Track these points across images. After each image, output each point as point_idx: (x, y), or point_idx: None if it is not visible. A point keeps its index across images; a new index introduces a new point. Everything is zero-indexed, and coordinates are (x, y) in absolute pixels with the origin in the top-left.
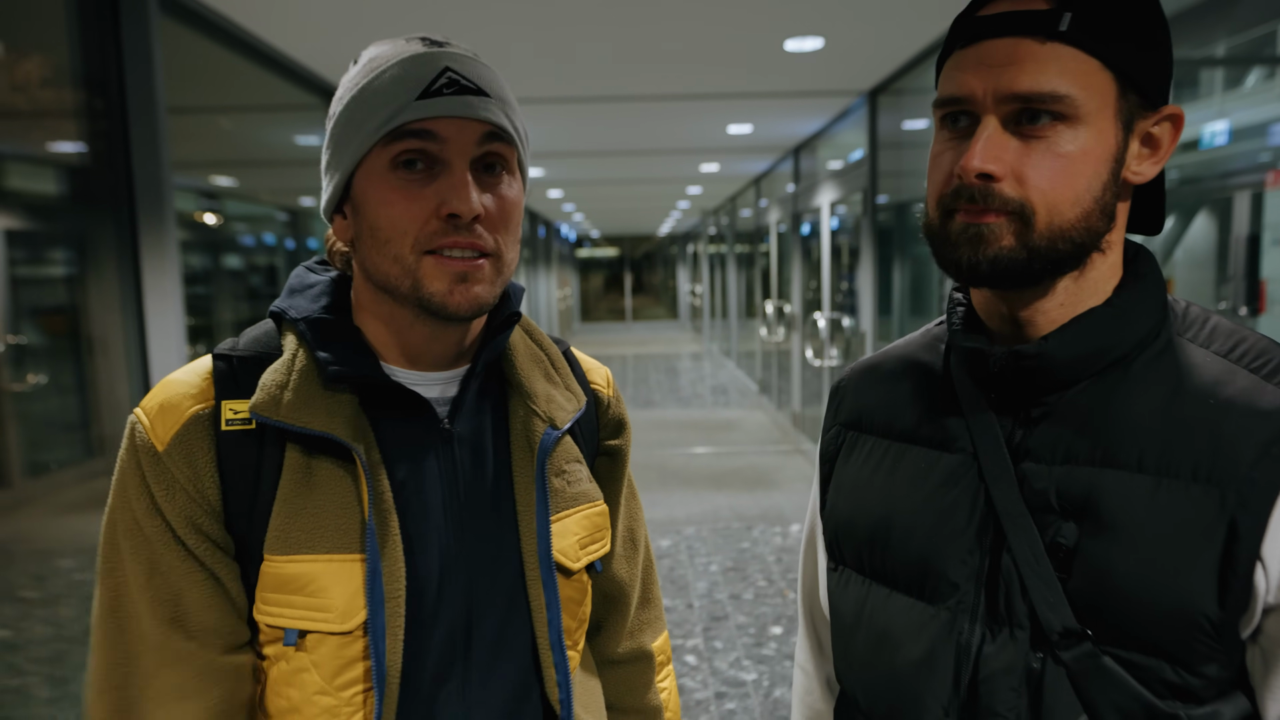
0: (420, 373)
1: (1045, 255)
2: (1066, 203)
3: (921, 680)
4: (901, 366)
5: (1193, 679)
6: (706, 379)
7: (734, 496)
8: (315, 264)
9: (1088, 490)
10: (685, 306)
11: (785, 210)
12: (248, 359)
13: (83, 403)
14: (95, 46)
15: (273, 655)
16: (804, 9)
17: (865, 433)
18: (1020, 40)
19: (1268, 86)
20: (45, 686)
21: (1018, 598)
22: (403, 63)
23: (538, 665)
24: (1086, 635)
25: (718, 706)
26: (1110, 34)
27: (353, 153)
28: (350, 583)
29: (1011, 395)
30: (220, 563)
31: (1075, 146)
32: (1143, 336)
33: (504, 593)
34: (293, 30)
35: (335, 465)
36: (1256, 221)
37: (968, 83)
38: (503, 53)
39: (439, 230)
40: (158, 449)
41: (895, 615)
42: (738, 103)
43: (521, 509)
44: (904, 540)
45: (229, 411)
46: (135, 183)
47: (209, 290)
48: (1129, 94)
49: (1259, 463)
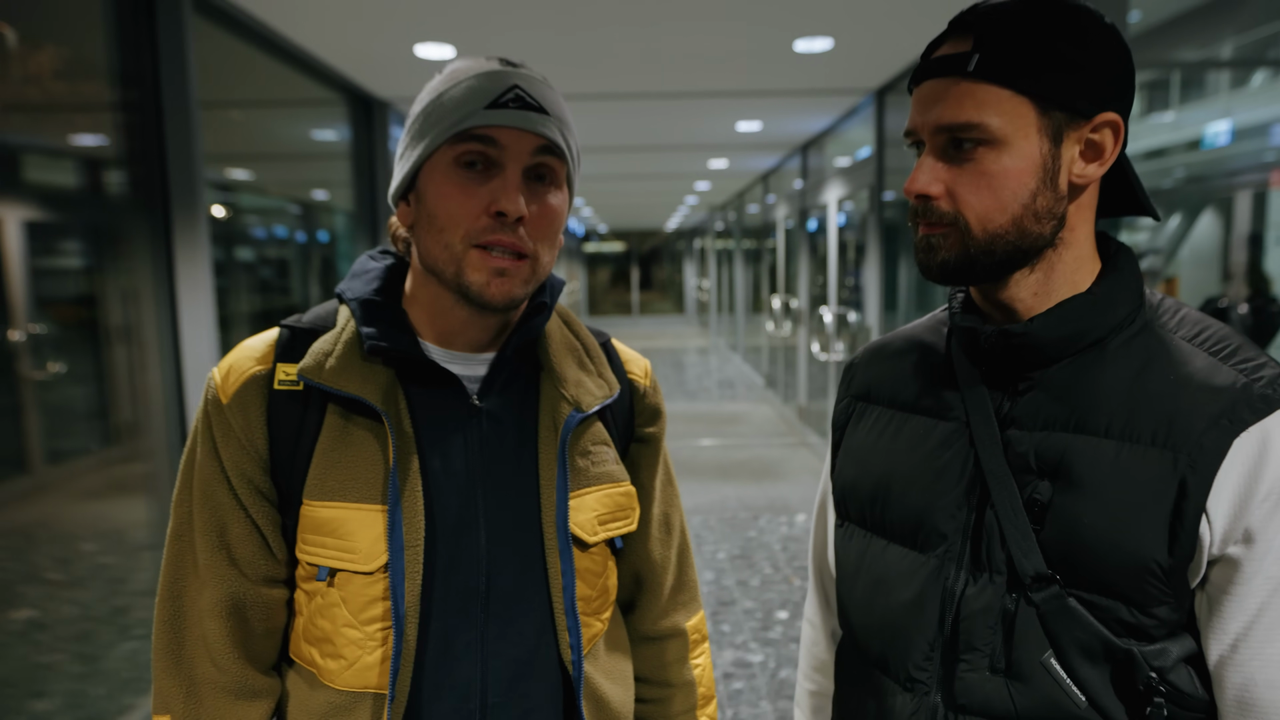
0: (455, 353)
1: (984, 258)
2: (994, 211)
3: (911, 619)
4: (908, 346)
5: (1145, 619)
6: (713, 373)
7: (741, 487)
8: (377, 252)
9: (1061, 453)
10: (692, 301)
11: (793, 206)
12: (306, 330)
13: (120, 389)
14: (131, 44)
15: (310, 590)
16: (813, 11)
17: (873, 403)
18: (943, 80)
19: (1274, 86)
20: (74, 664)
21: (997, 547)
22: (479, 76)
23: (554, 628)
24: (1055, 579)
25: (725, 687)
26: (1018, 67)
27: (424, 148)
28: (373, 529)
29: (1001, 371)
30: (259, 507)
31: (998, 165)
32: (1119, 321)
33: (523, 556)
34: (313, 26)
35: (368, 426)
36: (1260, 220)
37: (914, 118)
38: (519, 52)
39: (488, 227)
40: (222, 401)
41: (891, 563)
42: (747, 101)
43: (544, 483)
44: (901, 497)
45: (281, 374)
46: (169, 176)
47: (224, 283)
48: (1051, 112)
49: (1208, 431)
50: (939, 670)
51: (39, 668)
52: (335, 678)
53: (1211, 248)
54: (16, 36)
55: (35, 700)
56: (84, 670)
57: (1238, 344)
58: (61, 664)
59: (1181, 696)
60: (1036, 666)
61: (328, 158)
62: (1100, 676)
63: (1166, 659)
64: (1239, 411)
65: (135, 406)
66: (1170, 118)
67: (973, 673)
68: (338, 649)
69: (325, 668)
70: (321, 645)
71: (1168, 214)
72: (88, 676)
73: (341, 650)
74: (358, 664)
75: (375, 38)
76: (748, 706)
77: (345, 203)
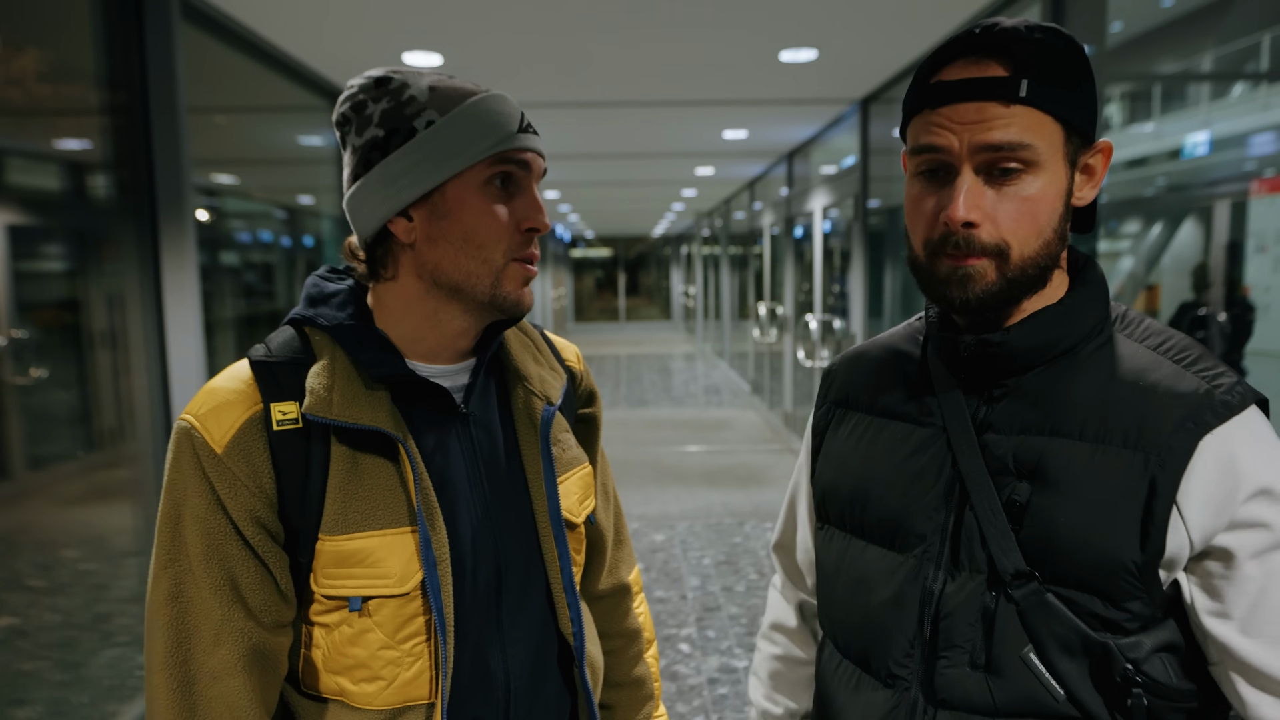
0: (438, 366)
1: (1019, 282)
2: (1032, 237)
3: (890, 618)
4: (885, 354)
5: (1119, 613)
6: (699, 379)
7: (726, 493)
8: (327, 273)
9: (1038, 455)
10: (679, 307)
11: (778, 213)
12: (284, 364)
13: (107, 393)
14: (120, 49)
15: (334, 622)
16: (798, 23)
17: (852, 409)
18: (987, 104)
19: (1252, 97)
20: (55, 671)
21: (977, 547)
22: (492, 100)
23: (552, 607)
24: (1034, 576)
25: (710, 692)
26: (1057, 93)
27: (455, 164)
28: (404, 551)
29: (977, 378)
30: (270, 551)
31: (1037, 189)
32: (1088, 331)
33: (522, 547)
34: (301, 33)
35: (378, 454)
36: (1240, 229)
37: (945, 138)
38: (506, 59)
39: (522, 242)
40: (216, 451)
41: (870, 564)
42: (733, 109)
43: (531, 477)
44: (880, 499)
45: (278, 413)
46: (156, 181)
47: (209, 287)
48: (1073, 138)
49: (1175, 433)
50: (919, 667)
51: (20, 675)
52: (373, 699)
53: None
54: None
55: (16, 708)
56: (66, 678)
57: (1198, 353)
58: (43, 671)
59: (1158, 686)
60: (1016, 661)
61: (314, 163)
62: (1078, 670)
63: (1140, 650)
64: (1203, 415)
65: (120, 411)
66: (1150, 128)
67: (953, 669)
68: (375, 672)
69: (360, 692)
70: (353, 672)
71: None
72: (70, 684)
73: (379, 672)
74: (397, 681)
75: (363, 45)
76: (733, 712)
77: (331, 208)
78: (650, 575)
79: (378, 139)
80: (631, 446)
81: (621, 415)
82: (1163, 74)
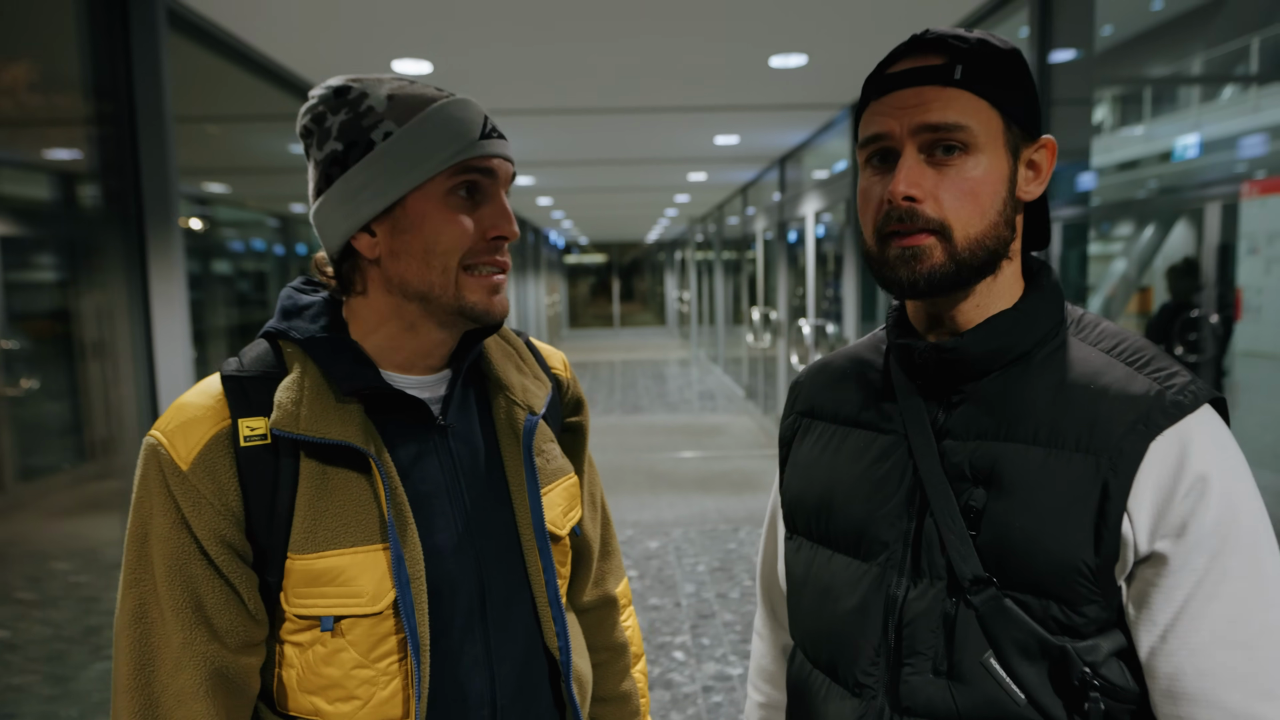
0: (414, 377)
1: (968, 264)
2: (975, 217)
3: (856, 626)
4: (849, 364)
5: (1076, 617)
6: (694, 385)
7: (721, 499)
8: (302, 285)
9: (993, 461)
10: (673, 313)
11: (771, 218)
12: (256, 378)
13: (94, 405)
14: (105, 59)
15: (307, 641)
16: (787, 28)
17: (817, 419)
18: (925, 87)
19: (1242, 99)
20: (45, 685)
21: (937, 553)
22: (453, 106)
23: (538, 621)
24: (992, 582)
25: (705, 700)
26: (991, 81)
27: (415, 177)
28: (376, 569)
29: (936, 385)
30: (238, 572)
31: (979, 171)
32: (1042, 335)
33: (506, 561)
34: (290, 42)
35: (349, 469)
36: (1231, 231)
37: (887, 123)
38: (496, 67)
39: (482, 249)
40: (182, 468)
41: (836, 572)
42: (725, 115)
43: (514, 489)
44: (844, 508)
45: (245, 429)
46: (143, 190)
47: (201, 296)
48: (1012, 127)
49: (1127, 436)
50: (885, 675)
51: (9, 689)
52: (349, 718)
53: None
54: None
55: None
56: (55, 691)
57: (1152, 354)
58: (33, 685)
59: (1114, 689)
60: (977, 667)
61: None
62: (1038, 674)
63: (1098, 654)
64: (1154, 417)
65: (110, 422)
66: (1141, 131)
67: (916, 676)
68: (349, 691)
69: (335, 711)
70: (328, 692)
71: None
72: (59, 698)
73: (354, 692)
74: (372, 700)
75: (353, 53)
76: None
77: None
78: (644, 582)
79: (337, 153)
80: (626, 453)
81: (616, 421)
82: (1153, 77)
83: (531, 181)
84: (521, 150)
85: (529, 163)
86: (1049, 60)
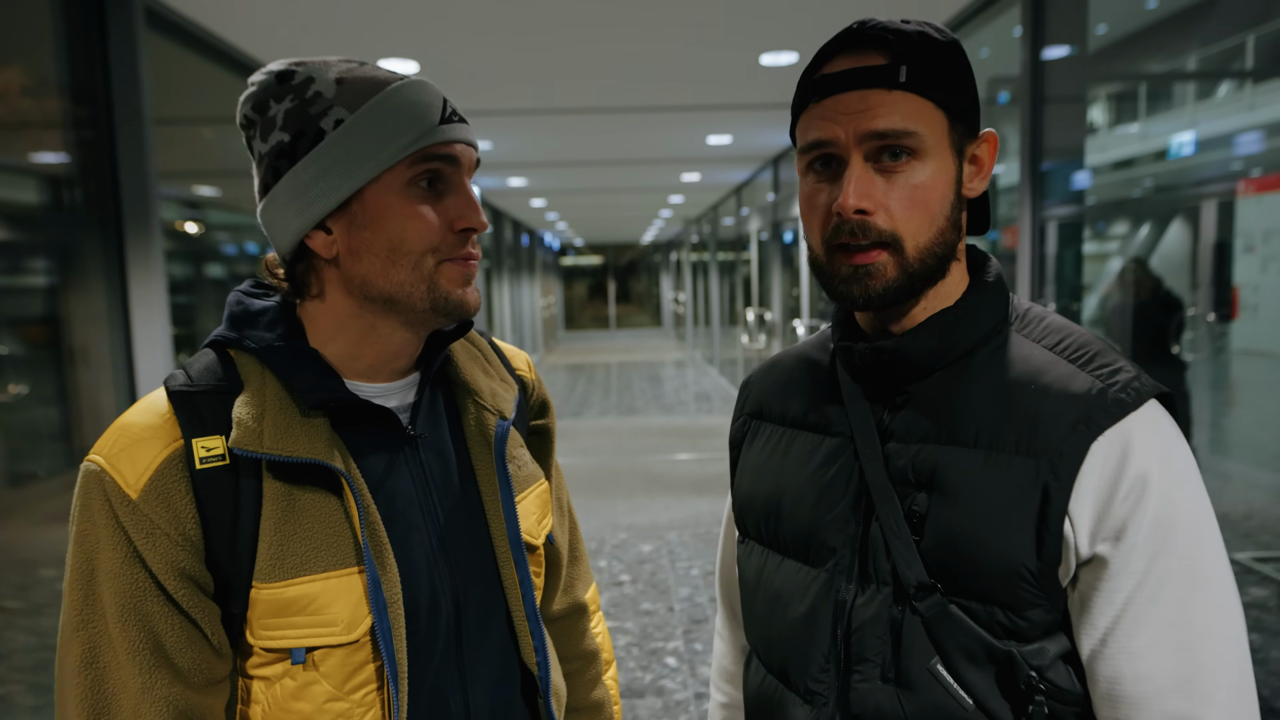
0: (379, 385)
1: (919, 274)
2: (925, 226)
3: (805, 633)
4: (797, 364)
5: (1021, 621)
6: (689, 386)
7: (716, 502)
8: (252, 288)
9: (934, 465)
10: (669, 314)
11: (766, 219)
12: (207, 392)
13: (71, 412)
14: (82, 59)
15: (275, 675)
16: (778, 25)
17: (765, 420)
18: (869, 91)
19: (1238, 96)
20: (29, 695)
21: (883, 559)
22: (408, 89)
23: (514, 635)
24: (936, 588)
25: (697, 706)
26: (936, 81)
27: (370, 168)
28: (351, 595)
29: (881, 386)
30: (199, 605)
31: (927, 176)
32: (985, 332)
33: (481, 576)
34: (276, 44)
35: (317, 487)
36: (1227, 229)
37: (830, 129)
38: (485, 67)
39: (455, 242)
40: (131, 496)
41: (786, 578)
42: (717, 115)
43: (487, 499)
44: (793, 512)
45: (201, 450)
46: (121, 193)
47: (191, 299)
48: (957, 126)
49: (1067, 437)
50: (835, 681)
51: None
52: None
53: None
54: None
55: None
56: (40, 702)
57: (1096, 350)
58: (16, 695)
59: (1060, 693)
60: (924, 673)
61: None
62: (985, 679)
63: (1044, 658)
64: (1095, 417)
65: (100, 427)
66: (1136, 129)
67: (865, 683)
68: None
69: None
70: None
71: (1136, 224)
72: (43, 709)
73: None
74: None
75: (337, 53)
76: None
77: None
78: (638, 587)
79: (284, 144)
80: (620, 455)
81: (611, 424)
82: (1148, 73)
83: (525, 183)
84: (513, 152)
85: (521, 164)
86: (1041, 58)
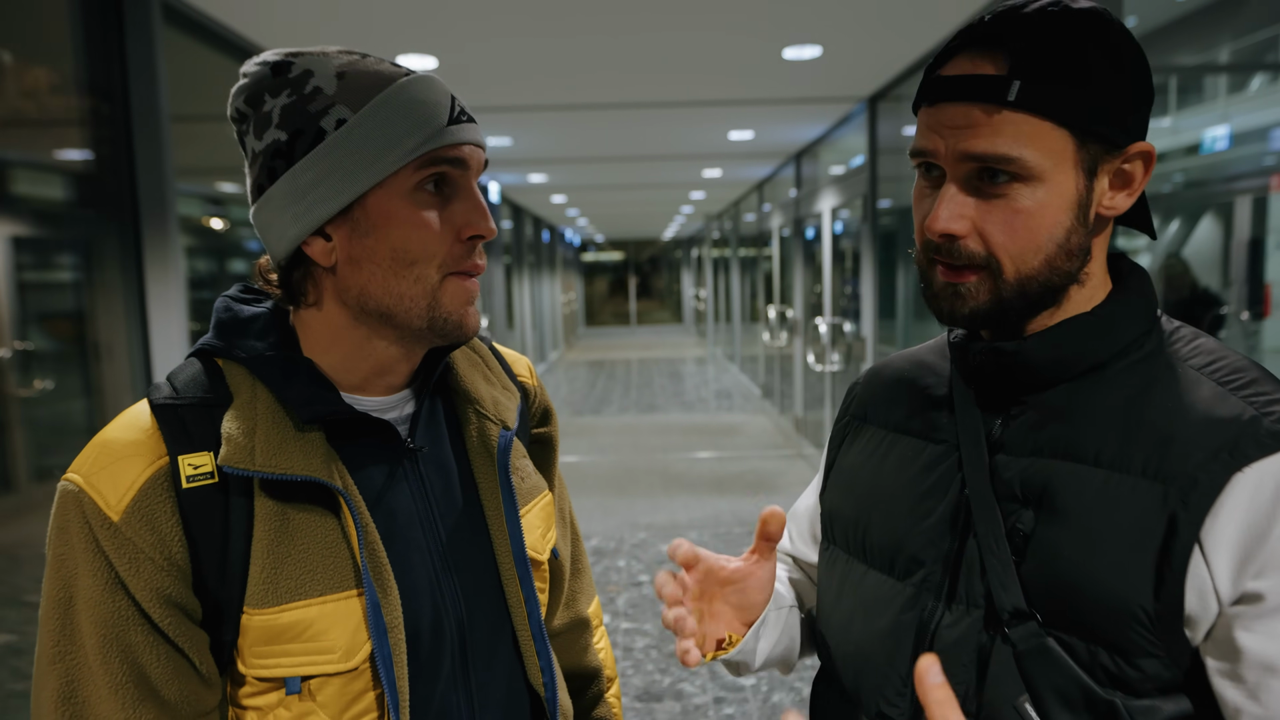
0: (376, 398)
1: (1015, 303)
2: (1029, 252)
3: (885, 650)
4: (909, 367)
5: (1130, 670)
6: (710, 383)
7: (736, 501)
8: (241, 293)
9: (1046, 480)
10: (689, 310)
11: (788, 215)
12: (193, 405)
13: (89, 408)
14: (100, 56)
15: (268, 705)
16: (801, 18)
17: (869, 423)
18: (973, 107)
19: (1272, 90)
20: None
21: (976, 578)
22: (415, 85)
23: (519, 654)
24: (1034, 616)
25: (716, 711)
26: (1060, 95)
27: (375, 172)
28: (350, 620)
29: (997, 393)
30: (186, 634)
31: (1033, 201)
32: (1122, 345)
33: (485, 594)
34: (294, 38)
35: (312, 506)
36: (1260, 225)
37: (933, 140)
38: (505, 62)
39: (462, 253)
40: (112, 519)
41: (869, 590)
42: (738, 109)
43: (490, 513)
44: (883, 521)
45: (188, 467)
46: (139, 189)
47: (215, 295)
48: (1089, 144)
49: (1206, 465)
50: (910, 707)
51: (14, 695)
52: None
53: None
54: None
55: None
56: None
57: (1253, 376)
58: None
59: None
60: (1010, 710)
61: None
62: None
63: (1155, 717)
64: (1243, 445)
65: None
66: (1168, 123)
67: None
68: None
69: None
70: None
71: (1167, 220)
72: None
73: None
74: None
75: (356, 47)
76: None
77: None
78: None
79: (280, 144)
80: (640, 453)
81: (631, 421)
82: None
83: (546, 179)
84: (534, 148)
85: (542, 160)
86: None
